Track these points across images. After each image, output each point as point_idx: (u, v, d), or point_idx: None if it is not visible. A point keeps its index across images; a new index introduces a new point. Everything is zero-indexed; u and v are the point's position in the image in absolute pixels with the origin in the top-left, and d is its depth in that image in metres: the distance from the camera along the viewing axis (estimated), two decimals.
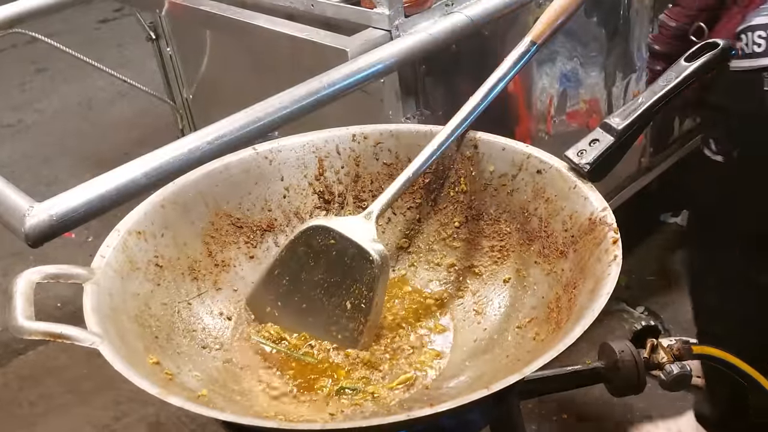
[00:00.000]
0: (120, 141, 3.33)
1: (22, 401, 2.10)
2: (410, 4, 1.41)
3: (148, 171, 1.11)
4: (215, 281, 0.92)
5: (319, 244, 0.88)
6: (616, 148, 0.86)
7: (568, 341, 0.66)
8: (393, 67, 1.35)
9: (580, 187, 0.85)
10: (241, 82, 1.86)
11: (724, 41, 0.87)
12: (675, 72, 0.87)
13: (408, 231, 1.01)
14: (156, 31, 2.02)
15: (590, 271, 0.78)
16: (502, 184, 0.95)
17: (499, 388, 0.63)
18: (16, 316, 0.69)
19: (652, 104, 0.87)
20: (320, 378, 0.83)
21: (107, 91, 3.75)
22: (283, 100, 1.23)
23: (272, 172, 0.99)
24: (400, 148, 1.01)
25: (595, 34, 1.76)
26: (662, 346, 0.95)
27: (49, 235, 1.03)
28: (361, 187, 1.02)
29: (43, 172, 3.15)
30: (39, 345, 2.27)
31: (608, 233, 0.78)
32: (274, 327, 0.89)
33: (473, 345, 0.87)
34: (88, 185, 1.08)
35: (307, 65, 1.44)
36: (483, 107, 0.98)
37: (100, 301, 0.75)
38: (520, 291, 0.89)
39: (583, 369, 0.95)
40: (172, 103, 2.14)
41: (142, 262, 0.85)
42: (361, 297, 0.86)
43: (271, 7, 1.59)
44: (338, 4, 1.48)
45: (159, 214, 0.89)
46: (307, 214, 1.00)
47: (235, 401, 0.76)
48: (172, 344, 0.81)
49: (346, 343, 0.86)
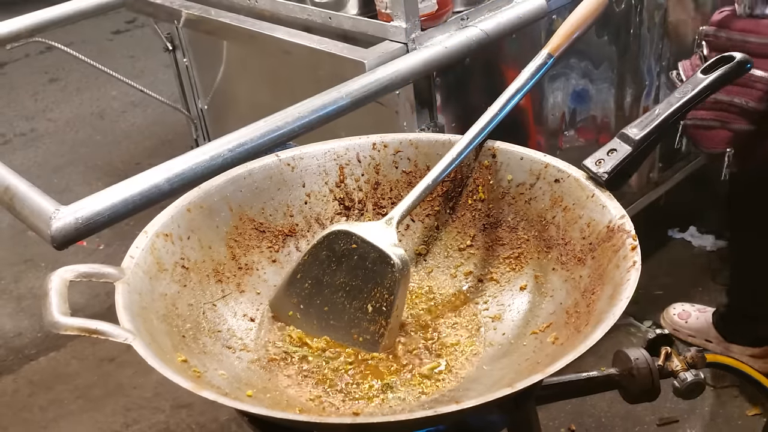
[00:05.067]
0: (132, 151, 3.36)
1: (33, 407, 2.11)
2: (426, 18, 1.44)
3: (171, 177, 1.13)
4: (239, 284, 0.94)
5: (341, 249, 0.90)
6: (634, 157, 0.88)
7: (589, 343, 0.68)
8: (409, 79, 1.38)
9: (598, 196, 0.87)
10: (255, 93, 1.89)
11: (741, 55, 0.89)
12: (691, 84, 0.90)
13: (426, 238, 1.03)
14: (173, 42, 2.05)
15: (609, 278, 0.79)
16: (520, 192, 0.97)
17: (524, 386, 0.64)
18: (51, 312, 0.71)
19: (669, 115, 0.89)
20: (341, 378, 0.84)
21: (119, 101, 3.78)
22: (301, 109, 1.26)
23: (294, 178, 1.01)
24: (419, 157, 1.03)
25: (606, 52, 1.78)
26: (676, 354, 0.96)
27: (74, 238, 1.06)
28: (380, 194, 1.04)
29: (55, 180, 3.19)
30: (50, 351, 2.29)
31: (627, 240, 0.80)
32: (296, 331, 0.91)
33: (491, 350, 0.88)
34: (113, 190, 1.10)
35: (325, 77, 1.47)
36: (501, 117, 1.00)
37: (131, 300, 0.77)
38: (538, 297, 0.91)
39: (597, 375, 0.96)
40: (187, 113, 2.16)
41: (169, 264, 0.87)
42: (382, 300, 0.87)
43: (289, 19, 1.62)
44: (355, 17, 1.51)
45: (185, 218, 0.91)
46: (328, 220, 1.02)
47: (261, 399, 0.78)
48: (198, 344, 0.82)
49: (367, 345, 0.88)
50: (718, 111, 1.38)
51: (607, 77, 1.82)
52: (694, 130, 1.44)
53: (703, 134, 1.43)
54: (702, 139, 1.44)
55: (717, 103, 1.36)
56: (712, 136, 1.41)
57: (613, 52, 1.80)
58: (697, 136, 1.44)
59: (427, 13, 1.44)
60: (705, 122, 1.40)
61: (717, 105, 1.37)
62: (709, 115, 1.39)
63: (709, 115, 1.39)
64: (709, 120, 1.40)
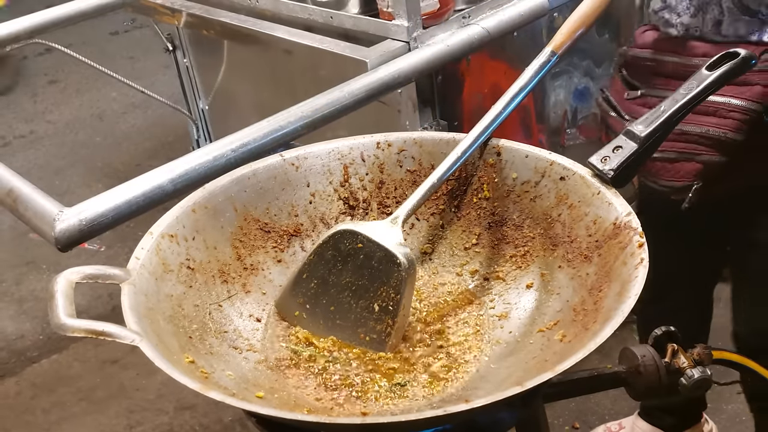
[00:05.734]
0: (132, 152, 3.36)
1: (35, 409, 2.11)
2: (428, 16, 1.44)
3: (174, 178, 1.13)
4: (244, 284, 0.93)
5: (346, 248, 0.90)
6: (639, 154, 0.88)
7: (599, 340, 0.68)
8: (411, 78, 1.38)
9: (603, 193, 0.87)
10: (256, 93, 1.89)
11: (745, 51, 0.89)
12: (696, 81, 0.89)
13: (431, 237, 1.03)
14: (173, 42, 2.05)
15: (616, 275, 0.79)
16: (525, 190, 0.97)
17: (533, 384, 0.64)
18: (58, 314, 0.71)
19: (674, 112, 0.89)
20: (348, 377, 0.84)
21: (119, 103, 3.78)
22: (304, 109, 1.26)
23: (299, 178, 1.01)
24: (424, 156, 1.03)
25: (608, 50, 1.78)
26: (682, 351, 0.96)
27: (78, 239, 1.06)
28: (385, 193, 1.03)
29: (55, 182, 3.18)
30: (53, 353, 2.29)
31: (634, 237, 0.80)
32: (302, 331, 0.91)
33: (498, 348, 0.88)
34: (116, 191, 1.10)
35: (326, 76, 1.47)
36: (505, 115, 1.00)
37: (137, 301, 0.76)
38: (544, 295, 0.91)
39: (604, 373, 0.96)
40: (188, 114, 2.16)
41: (174, 265, 0.86)
42: (388, 300, 0.87)
43: (290, 18, 1.62)
44: (357, 16, 1.51)
45: (190, 218, 0.91)
46: (333, 219, 1.02)
47: (269, 400, 0.77)
48: (204, 345, 0.82)
49: (374, 345, 0.88)
50: (684, 143, 1.22)
51: (609, 75, 1.82)
52: (650, 163, 1.25)
53: (663, 167, 1.26)
54: (661, 173, 1.27)
55: (683, 135, 1.21)
56: (676, 169, 1.25)
57: (615, 50, 1.80)
58: (654, 169, 1.27)
59: (429, 11, 1.44)
60: (665, 154, 1.24)
61: (683, 137, 1.22)
62: (671, 147, 1.23)
63: (671, 147, 1.23)
64: (670, 152, 1.24)
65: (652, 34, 1.31)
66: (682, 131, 1.20)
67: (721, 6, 1.20)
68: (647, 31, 1.33)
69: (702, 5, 1.22)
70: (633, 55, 1.33)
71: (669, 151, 1.23)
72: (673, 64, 1.26)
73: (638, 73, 1.32)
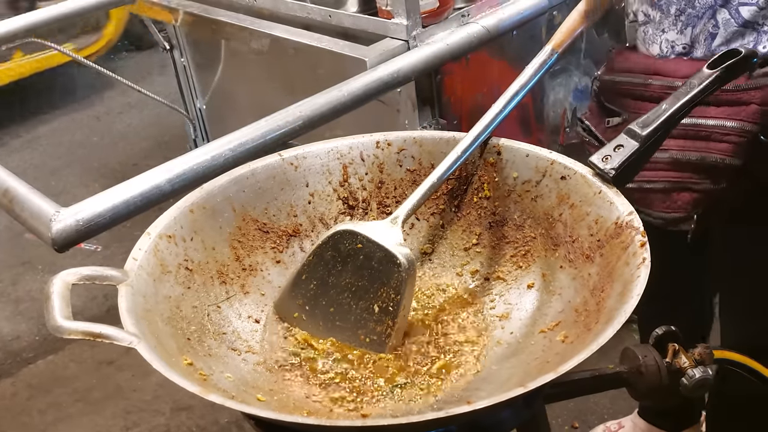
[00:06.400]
0: (129, 152, 3.34)
1: (31, 410, 2.09)
2: (427, 15, 1.44)
3: (172, 177, 1.13)
4: (243, 285, 0.92)
5: (346, 249, 0.89)
6: (641, 153, 0.87)
7: (601, 341, 0.67)
8: (411, 77, 1.37)
9: (605, 192, 0.87)
10: (254, 91, 1.88)
11: (746, 49, 0.89)
12: (697, 79, 0.89)
13: (431, 236, 1.02)
14: (170, 41, 2.04)
15: (618, 275, 0.79)
16: (525, 190, 0.96)
17: (536, 386, 0.64)
18: (54, 316, 0.70)
19: (676, 110, 0.88)
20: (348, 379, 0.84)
21: (116, 102, 3.77)
22: (303, 108, 1.25)
23: (297, 178, 1.00)
24: (423, 155, 1.02)
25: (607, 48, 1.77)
26: (684, 351, 0.96)
27: (75, 240, 1.05)
28: (384, 193, 1.03)
29: (52, 183, 3.17)
30: (49, 354, 2.28)
31: (635, 237, 0.79)
32: (301, 333, 0.90)
33: (499, 349, 0.88)
34: (113, 191, 1.09)
35: (325, 75, 1.46)
36: (506, 114, 0.99)
37: (134, 303, 0.76)
38: (545, 295, 0.90)
39: (606, 373, 0.95)
40: (186, 114, 2.15)
41: (172, 266, 0.85)
42: (388, 300, 0.87)
43: (288, 17, 1.61)
44: (356, 15, 1.50)
45: (188, 219, 0.90)
46: (332, 219, 1.01)
47: (268, 402, 0.77)
48: (203, 346, 0.81)
49: (374, 346, 0.87)
50: (678, 172, 1.12)
51: None
52: (641, 194, 1.14)
53: (656, 198, 1.15)
54: (655, 203, 1.16)
55: (675, 163, 1.11)
56: (671, 200, 1.14)
57: None
58: (647, 200, 1.16)
59: (428, 9, 1.43)
60: (658, 184, 1.13)
61: (676, 165, 1.11)
62: (664, 176, 1.13)
63: (664, 176, 1.13)
64: (662, 181, 1.13)
65: (629, 54, 1.21)
66: (673, 158, 1.11)
67: (716, 19, 1.09)
68: (623, 51, 1.22)
69: (691, 19, 1.10)
70: (609, 79, 1.20)
71: (662, 181, 1.13)
72: (657, 87, 1.12)
73: (617, 98, 1.20)
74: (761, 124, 1.06)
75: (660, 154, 1.08)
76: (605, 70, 1.23)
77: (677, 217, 1.15)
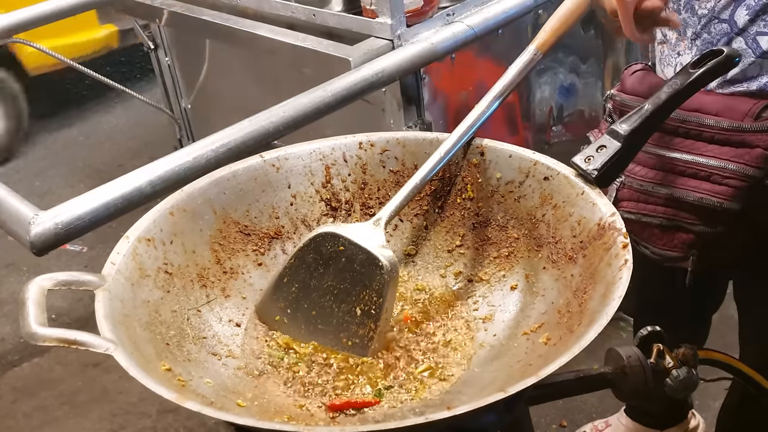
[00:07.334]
0: (114, 152, 3.32)
1: (17, 413, 2.07)
2: (412, 14, 1.43)
3: (153, 179, 1.11)
4: (224, 288, 0.91)
5: (328, 251, 0.88)
6: (623, 153, 0.87)
7: (583, 344, 0.67)
8: (395, 76, 1.36)
9: (588, 193, 0.86)
10: (240, 91, 1.87)
11: (729, 48, 0.88)
12: (680, 79, 0.89)
13: (415, 238, 1.01)
14: (154, 41, 2.02)
15: (601, 276, 0.78)
16: (509, 190, 0.95)
17: (516, 390, 0.63)
18: (29, 323, 0.69)
19: (657, 109, 0.88)
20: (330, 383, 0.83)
21: (102, 103, 3.74)
22: (287, 108, 1.24)
23: (279, 179, 0.99)
24: (407, 156, 1.01)
25: (593, 46, 1.78)
26: (668, 351, 0.95)
27: (54, 243, 1.03)
28: (368, 194, 1.02)
29: (36, 183, 3.14)
30: (34, 357, 2.26)
31: (618, 238, 0.79)
32: (283, 336, 0.89)
33: (482, 351, 0.87)
34: (93, 194, 1.08)
35: (310, 74, 1.45)
36: (489, 114, 0.99)
37: (112, 308, 0.74)
38: (529, 297, 0.89)
39: (590, 374, 0.95)
40: (170, 113, 2.13)
41: (151, 270, 0.84)
42: (371, 303, 0.86)
43: (272, 16, 1.60)
44: (340, 14, 1.49)
45: (167, 222, 0.89)
46: (315, 221, 1.00)
47: (249, 408, 0.76)
48: (183, 351, 0.80)
49: (357, 350, 0.86)
50: (675, 209, 1.09)
51: (595, 72, 1.81)
52: (640, 227, 1.13)
53: (654, 234, 1.13)
54: (653, 239, 1.13)
55: (674, 200, 1.08)
56: (668, 237, 1.12)
57: (600, 46, 1.79)
58: (645, 234, 1.13)
59: (413, 9, 1.43)
60: (656, 219, 1.11)
61: (674, 203, 1.09)
62: (662, 212, 1.11)
63: (662, 212, 1.11)
64: (660, 217, 1.11)
65: (644, 76, 1.15)
66: (671, 196, 1.08)
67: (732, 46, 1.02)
68: (638, 71, 1.17)
69: (706, 45, 1.04)
70: (621, 101, 1.16)
71: (660, 216, 1.11)
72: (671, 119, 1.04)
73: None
74: (765, 170, 1.02)
75: (660, 188, 1.09)
76: (618, 89, 1.19)
77: (674, 256, 1.13)
